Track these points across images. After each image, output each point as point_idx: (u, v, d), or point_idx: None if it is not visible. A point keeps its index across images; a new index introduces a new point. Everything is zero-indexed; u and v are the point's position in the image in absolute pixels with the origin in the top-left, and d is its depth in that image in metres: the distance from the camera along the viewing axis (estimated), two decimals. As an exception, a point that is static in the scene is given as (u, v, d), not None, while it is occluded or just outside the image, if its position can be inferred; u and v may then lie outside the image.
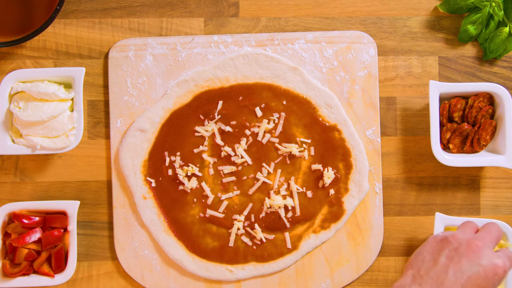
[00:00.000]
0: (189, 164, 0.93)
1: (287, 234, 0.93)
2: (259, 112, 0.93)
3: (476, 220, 0.90)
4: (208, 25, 0.96)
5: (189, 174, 0.93)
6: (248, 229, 0.93)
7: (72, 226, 0.90)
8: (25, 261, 0.90)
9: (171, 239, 0.93)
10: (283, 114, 0.93)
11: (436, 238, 0.76)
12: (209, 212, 0.93)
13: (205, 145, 0.93)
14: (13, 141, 0.91)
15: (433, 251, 0.74)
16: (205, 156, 0.93)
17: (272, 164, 0.93)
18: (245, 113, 0.93)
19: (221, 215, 0.93)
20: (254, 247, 0.93)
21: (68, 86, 0.92)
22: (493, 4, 0.92)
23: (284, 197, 0.93)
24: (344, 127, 0.93)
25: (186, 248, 0.92)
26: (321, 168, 0.93)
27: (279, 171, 0.93)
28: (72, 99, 0.91)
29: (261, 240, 0.92)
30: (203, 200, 0.93)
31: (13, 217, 0.90)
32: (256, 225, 0.92)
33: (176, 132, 0.93)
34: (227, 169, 0.93)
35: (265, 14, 0.96)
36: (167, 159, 0.93)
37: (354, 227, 0.94)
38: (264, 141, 0.93)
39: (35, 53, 0.95)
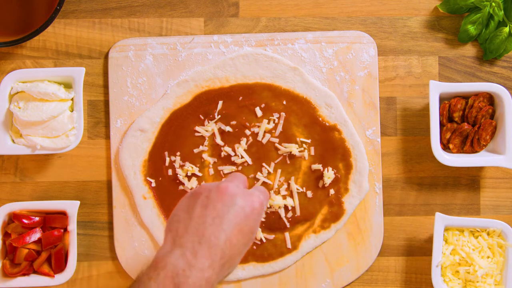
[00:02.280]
0: (189, 164, 0.93)
1: (287, 234, 0.93)
2: (259, 112, 0.93)
3: (476, 220, 0.90)
4: (208, 25, 0.96)
5: (189, 174, 0.93)
6: (248, 229, 0.93)
7: (72, 226, 0.90)
8: (25, 261, 0.90)
9: (171, 239, 0.93)
10: (283, 114, 0.93)
11: (187, 194, 0.70)
12: (209, 212, 0.93)
13: (205, 145, 0.93)
14: (13, 141, 0.91)
15: (186, 207, 0.67)
16: (205, 156, 0.93)
17: (272, 164, 0.93)
18: (245, 113, 0.93)
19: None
20: (254, 247, 0.93)
21: (68, 86, 0.92)
22: (493, 4, 0.92)
23: (284, 197, 0.93)
24: (344, 127, 0.93)
25: (186, 248, 0.92)
26: (321, 168, 0.93)
27: (279, 171, 0.93)
28: (72, 99, 0.91)
29: (261, 240, 0.92)
30: (203, 200, 0.93)
31: (13, 217, 0.90)
32: (256, 225, 0.92)
33: (176, 132, 0.93)
34: (227, 169, 0.93)
35: (265, 14, 0.96)
36: (167, 159, 0.93)
37: (354, 227, 0.94)
38: (264, 141, 0.93)
39: (35, 53, 0.95)
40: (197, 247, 0.63)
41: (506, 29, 0.93)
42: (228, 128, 0.93)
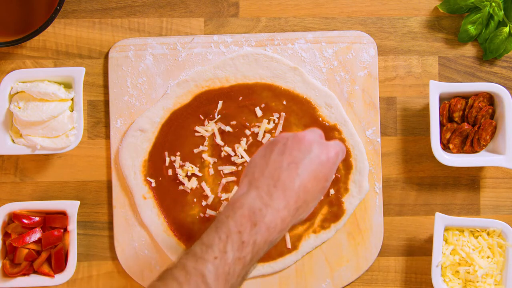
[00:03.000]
0: (189, 164, 0.93)
1: (287, 234, 0.93)
2: (259, 112, 0.93)
3: (476, 220, 0.90)
4: (208, 25, 0.96)
5: (189, 174, 0.93)
6: (248, 229, 0.92)
7: (72, 226, 0.90)
8: (25, 261, 0.90)
9: (171, 239, 0.93)
10: (283, 114, 0.93)
11: (265, 144, 0.72)
12: (209, 212, 0.93)
13: (205, 145, 0.93)
14: (13, 141, 0.91)
15: (263, 154, 0.69)
16: (205, 156, 0.93)
17: (272, 164, 0.93)
18: (245, 113, 0.93)
19: (221, 215, 0.93)
20: (254, 247, 0.92)
21: (68, 86, 0.92)
22: (493, 4, 0.92)
23: (284, 197, 0.93)
24: (344, 127, 0.93)
25: (186, 248, 0.92)
26: (321, 168, 0.93)
27: (279, 171, 0.93)
28: (72, 99, 0.91)
29: (261, 240, 0.92)
30: (203, 200, 0.93)
31: (13, 217, 0.90)
32: (256, 225, 0.92)
33: (176, 132, 0.93)
34: (227, 169, 0.93)
35: (265, 14, 0.96)
36: (167, 159, 0.93)
37: (354, 227, 0.94)
38: (264, 141, 0.93)
39: (35, 53, 0.95)
40: (272, 190, 0.65)
41: (506, 29, 0.93)
42: (228, 128, 0.93)
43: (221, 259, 0.61)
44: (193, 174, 0.93)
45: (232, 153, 0.93)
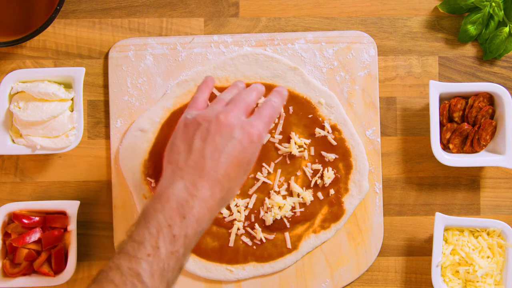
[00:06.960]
0: (189, 164, 0.93)
1: (287, 234, 0.93)
2: (259, 112, 0.93)
3: (476, 220, 0.90)
4: (208, 25, 0.96)
5: (189, 174, 0.93)
6: (248, 229, 0.93)
7: (72, 226, 0.90)
8: (25, 261, 0.90)
9: (171, 239, 0.93)
10: (283, 114, 0.93)
11: (185, 121, 0.71)
12: (209, 212, 0.93)
13: (205, 145, 0.93)
14: (13, 141, 0.91)
15: (185, 138, 0.69)
16: (205, 156, 0.93)
17: (272, 164, 0.93)
18: (245, 113, 0.93)
19: (221, 215, 0.93)
20: (254, 247, 0.93)
21: (68, 86, 0.92)
22: (493, 4, 0.92)
23: (284, 197, 0.93)
24: (344, 127, 0.93)
25: (186, 248, 0.92)
26: (321, 168, 0.93)
27: (279, 171, 0.93)
28: (72, 99, 0.91)
29: (261, 240, 0.92)
30: (203, 200, 0.93)
31: (13, 217, 0.90)
32: (256, 225, 0.92)
33: (176, 132, 0.93)
34: (227, 169, 0.93)
35: (265, 14, 0.96)
36: (167, 159, 0.93)
37: (354, 227, 0.94)
38: (264, 141, 0.93)
39: (35, 53, 0.95)
40: (198, 180, 0.66)
41: (506, 29, 0.93)
42: (228, 128, 0.93)
43: (155, 256, 0.61)
44: (193, 174, 0.93)
45: (232, 153, 0.92)
